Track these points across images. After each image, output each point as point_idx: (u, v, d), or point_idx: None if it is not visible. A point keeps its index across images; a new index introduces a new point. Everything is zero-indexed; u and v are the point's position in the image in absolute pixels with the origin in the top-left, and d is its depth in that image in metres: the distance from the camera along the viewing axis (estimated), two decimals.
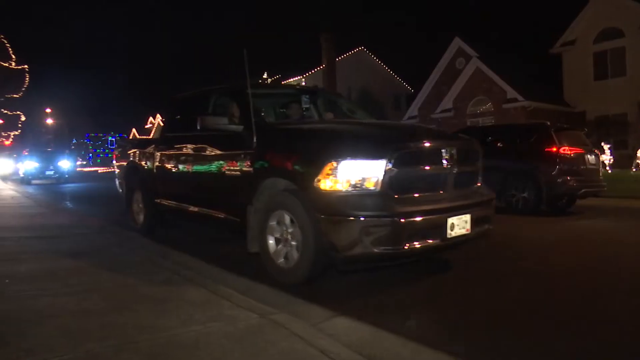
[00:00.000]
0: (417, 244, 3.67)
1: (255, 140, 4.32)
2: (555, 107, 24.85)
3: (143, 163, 6.69)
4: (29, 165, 23.23)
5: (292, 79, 35.30)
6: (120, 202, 7.60)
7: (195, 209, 5.47)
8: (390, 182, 3.68)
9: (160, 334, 2.74)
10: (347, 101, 6.85)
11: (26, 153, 25.67)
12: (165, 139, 6.34)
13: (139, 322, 2.93)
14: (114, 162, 8.06)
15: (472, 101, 26.67)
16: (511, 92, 24.66)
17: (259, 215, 4.28)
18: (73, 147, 65.83)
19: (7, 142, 42.65)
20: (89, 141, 76.07)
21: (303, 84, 34.80)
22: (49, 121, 63.96)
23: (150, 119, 61.78)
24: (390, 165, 3.66)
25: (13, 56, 37.24)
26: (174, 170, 5.90)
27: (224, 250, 5.85)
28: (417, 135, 4.29)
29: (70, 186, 21.30)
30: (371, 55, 39.28)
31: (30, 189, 18.11)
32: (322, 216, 3.65)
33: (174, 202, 5.96)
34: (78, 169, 32.90)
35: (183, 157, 5.71)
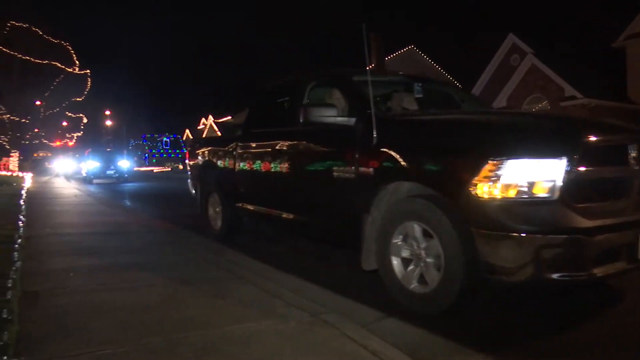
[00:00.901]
0: (603, 268, 2.91)
1: (375, 136, 3.54)
2: (618, 104, 23.58)
3: (221, 162, 6.08)
4: (91, 165, 23.86)
5: None
6: (177, 200, 7.85)
7: (291, 217, 4.75)
8: (570, 188, 2.87)
9: (214, 329, 2.79)
10: (460, 90, 5.78)
11: (88, 153, 26.61)
12: (250, 135, 5.62)
13: (193, 317, 3.00)
14: (187, 161, 7.44)
15: (528, 99, 25.74)
16: (569, 90, 23.60)
17: (379, 226, 3.58)
18: (130, 147, 68.56)
19: (70, 143, 44.98)
20: (145, 142, 79.02)
21: None
22: (108, 123, 66.97)
23: (203, 120, 63.38)
24: (571, 166, 2.86)
25: (77, 62, 39.23)
26: (262, 171, 5.14)
27: (274, 249, 5.91)
28: (598, 126, 3.43)
29: (128, 185, 22.04)
30: (421, 53, 38.69)
31: (91, 188, 18.96)
32: (479, 230, 2.89)
33: (261, 207, 5.28)
34: (134, 168, 34.14)
35: (274, 156, 4.89)
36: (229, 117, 56.28)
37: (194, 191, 7.13)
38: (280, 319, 2.97)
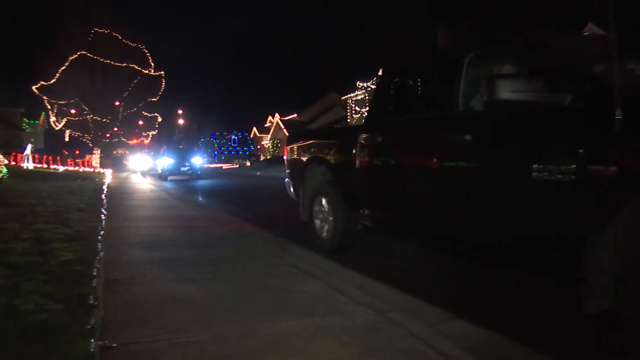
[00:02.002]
0: None
1: (620, 118, 2.38)
2: None
3: (335, 159, 5.17)
4: (166, 161, 24.31)
5: None
6: (250, 197, 8.01)
7: (453, 230, 3.72)
8: None
9: (282, 322, 2.85)
10: None
11: (163, 151, 27.71)
12: (382, 125, 4.56)
13: (262, 310, 3.08)
14: (285, 157, 6.51)
15: None
16: None
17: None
18: (201, 144, 71.27)
19: (146, 141, 47.39)
20: (215, 139, 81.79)
21: None
22: (181, 121, 69.95)
23: (269, 117, 64.77)
24: None
25: (152, 64, 41.27)
26: (406, 171, 4.15)
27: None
28: None
29: (201, 182, 22.58)
30: None
31: (165, 184, 19.90)
32: None
33: (401, 216, 4.34)
34: (205, 165, 35.36)
35: (423, 150, 3.93)
36: (295, 115, 57.08)
37: (292, 192, 6.22)
38: (346, 316, 2.99)
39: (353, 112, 38.92)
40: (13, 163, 27.81)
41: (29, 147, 31.40)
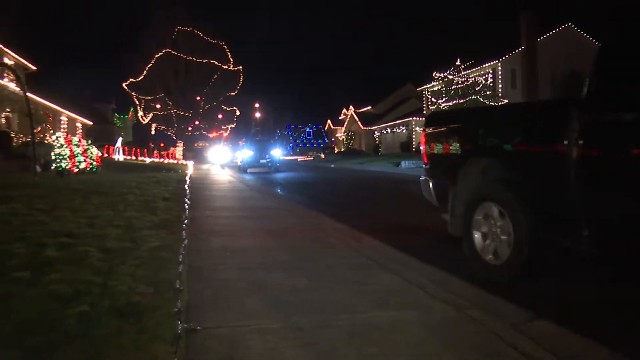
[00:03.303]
0: None
1: None
2: None
3: (528, 149, 3.69)
4: (245, 154, 24.35)
5: (486, 64, 33.42)
6: (323, 189, 8.08)
7: None
8: None
9: (358, 315, 2.86)
10: None
11: (242, 143, 28.25)
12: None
13: (338, 301, 3.10)
14: (425, 148, 4.99)
15: None
16: None
17: None
18: (277, 137, 72.84)
19: (225, 134, 49.19)
20: (290, 132, 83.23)
21: (499, 69, 32.72)
22: (257, 114, 71.89)
23: (344, 110, 64.89)
24: None
25: (231, 59, 42.66)
26: None
27: (413, 239, 5.85)
28: None
29: (279, 175, 22.02)
30: (581, 32, 34.91)
31: (244, 176, 20.54)
32: None
33: None
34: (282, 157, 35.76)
35: None
36: (369, 107, 56.77)
37: (433, 194, 4.89)
38: (423, 310, 2.94)
39: (429, 103, 38.05)
40: (106, 155, 29.90)
41: (120, 140, 33.66)
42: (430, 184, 4.91)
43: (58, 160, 14.62)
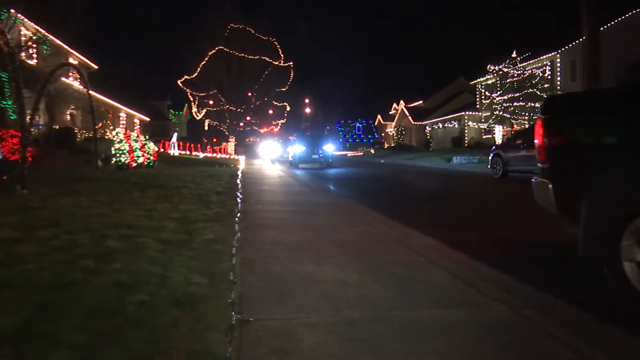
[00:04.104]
0: None
1: None
2: None
3: None
4: (297, 149, 23.66)
5: (544, 56, 32.12)
6: (374, 185, 8.01)
7: None
8: None
9: (409, 311, 2.84)
10: None
11: (293, 138, 27.84)
12: None
13: (389, 297, 3.09)
14: (543, 141, 3.77)
15: None
16: None
17: None
18: (326, 132, 73.04)
19: (275, 129, 49.80)
20: (340, 127, 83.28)
21: (558, 61, 31.39)
22: (307, 110, 72.36)
23: (394, 105, 64.19)
24: None
25: (282, 55, 43.10)
26: None
27: (465, 236, 5.72)
28: None
29: (330, 171, 21.48)
30: None
31: (295, 171, 20.73)
32: None
33: None
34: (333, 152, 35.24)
35: None
36: (421, 102, 55.92)
37: (552, 201, 3.70)
38: (476, 309, 2.88)
39: (482, 97, 37.02)
40: (162, 150, 30.98)
41: (175, 135, 34.73)
42: (551, 188, 3.69)
43: (118, 155, 15.27)
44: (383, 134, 72.07)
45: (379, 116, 75.35)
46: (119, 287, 2.96)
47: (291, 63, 43.96)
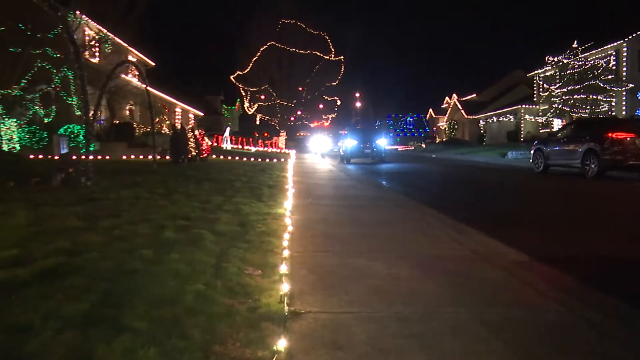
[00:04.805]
0: None
1: None
2: None
3: None
4: (349, 143, 22.74)
5: (609, 45, 30.45)
6: (426, 180, 7.86)
7: None
8: None
9: (463, 309, 2.78)
10: None
11: (344, 132, 27.21)
12: None
13: (441, 294, 3.05)
14: None
15: None
16: None
17: None
18: (376, 127, 72.55)
19: (325, 124, 49.89)
20: (390, 121, 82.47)
21: (624, 50, 29.69)
22: (357, 104, 72.04)
23: (446, 98, 62.86)
24: None
25: (332, 50, 43.06)
26: None
27: (518, 232, 5.53)
28: None
29: (382, 166, 20.59)
30: None
31: (344, 165, 20.69)
32: None
33: None
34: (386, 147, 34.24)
35: None
36: (474, 95, 54.50)
37: None
38: (534, 309, 2.79)
39: (540, 90, 35.60)
40: (215, 144, 31.73)
41: (228, 129, 35.49)
42: None
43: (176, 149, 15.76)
44: (435, 128, 70.75)
45: (430, 110, 74.02)
46: (177, 277, 3.07)
47: (342, 57, 43.84)
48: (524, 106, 39.87)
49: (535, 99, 37.92)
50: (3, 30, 15.87)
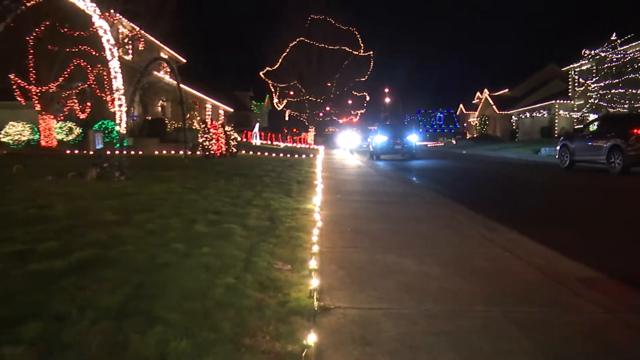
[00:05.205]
0: None
1: None
2: None
3: None
4: (379, 139, 22.25)
5: None
6: (458, 177, 7.77)
7: None
8: None
9: (494, 307, 2.74)
10: None
11: (374, 128, 26.67)
12: None
13: (472, 292, 3.00)
14: None
15: None
16: None
17: None
18: (406, 122, 71.95)
19: (354, 120, 49.73)
20: (420, 117, 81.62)
21: None
22: (386, 100, 71.52)
23: (478, 93, 61.79)
24: None
25: (362, 45, 42.83)
26: None
27: (546, 230, 5.40)
28: None
29: (413, 162, 20.07)
30: None
31: (373, 161, 20.58)
32: None
33: None
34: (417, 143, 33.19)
35: None
36: (506, 90, 53.44)
37: None
38: (568, 310, 2.73)
39: (576, 84, 34.62)
40: (244, 140, 32.02)
41: (257, 125, 35.75)
42: None
43: (204, 144, 15.99)
44: (465, 124, 69.68)
45: (461, 105, 72.88)
46: (208, 270, 3.12)
47: (371, 52, 43.58)
48: (558, 101, 38.87)
49: (570, 94, 36.91)
50: (41, 30, 16.36)
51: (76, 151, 17.62)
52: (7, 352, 1.99)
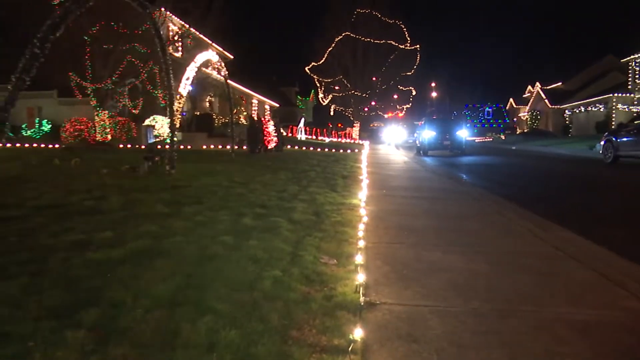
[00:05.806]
0: None
1: None
2: None
3: None
4: (426, 134, 21.38)
5: None
6: (507, 173, 7.54)
7: None
8: None
9: (545, 308, 2.66)
10: None
11: (421, 123, 25.70)
12: None
13: (522, 291, 2.92)
14: None
15: None
16: None
17: None
18: (453, 117, 70.58)
19: (400, 115, 49.20)
20: (467, 112, 79.68)
21: None
22: (433, 94, 70.30)
23: (529, 87, 59.71)
24: None
25: (408, 39, 42.25)
26: None
27: (602, 229, 5.16)
28: None
29: (464, 159, 19.19)
30: None
31: (419, 157, 20.26)
32: None
33: None
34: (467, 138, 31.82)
35: None
36: (560, 83, 51.45)
37: None
38: (626, 313, 2.61)
39: (636, 76, 32.87)
40: (290, 134, 32.31)
41: (302, 120, 35.96)
42: None
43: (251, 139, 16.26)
44: (515, 119, 67.54)
45: (511, 99, 70.66)
46: (255, 263, 3.18)
47: (418, 46, 42.92)
48: (616, 95, 37.05)
49: (630, 87, 35.12)
50: (97, 29, 17.06)
51: (129, 145, 18.29)
52: (69, 335, 2.10)
